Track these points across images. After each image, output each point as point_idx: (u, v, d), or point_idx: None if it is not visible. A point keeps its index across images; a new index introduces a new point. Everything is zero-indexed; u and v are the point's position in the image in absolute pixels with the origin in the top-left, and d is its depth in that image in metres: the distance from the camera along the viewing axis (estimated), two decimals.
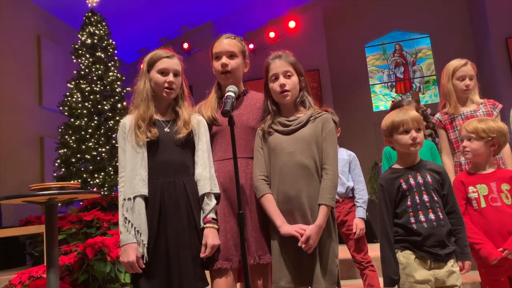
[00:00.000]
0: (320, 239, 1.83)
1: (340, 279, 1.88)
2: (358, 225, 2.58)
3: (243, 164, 1.99)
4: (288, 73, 1.96)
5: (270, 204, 1.89)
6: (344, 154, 2.77)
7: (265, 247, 1.94)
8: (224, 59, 2.07)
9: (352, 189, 2.70)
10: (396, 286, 1.95)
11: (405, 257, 1.90)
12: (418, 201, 1.90)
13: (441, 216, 1.89)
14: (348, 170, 2.73)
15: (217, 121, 2.06)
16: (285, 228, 1.83)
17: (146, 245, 1.80)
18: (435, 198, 1.91)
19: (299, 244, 1.79)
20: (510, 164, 2.58)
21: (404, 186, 1.94)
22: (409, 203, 1.91)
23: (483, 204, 2.04)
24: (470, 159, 2.18)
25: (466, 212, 2.10)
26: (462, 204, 2.09)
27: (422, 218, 1.88)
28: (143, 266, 1.79)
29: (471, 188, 2.09)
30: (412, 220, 1.89)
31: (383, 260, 1.92)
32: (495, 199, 2.03)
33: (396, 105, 2.84)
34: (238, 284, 2.11)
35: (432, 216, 1.88)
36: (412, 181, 1.94)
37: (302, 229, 1.81)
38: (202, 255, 1.85)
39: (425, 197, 1.90)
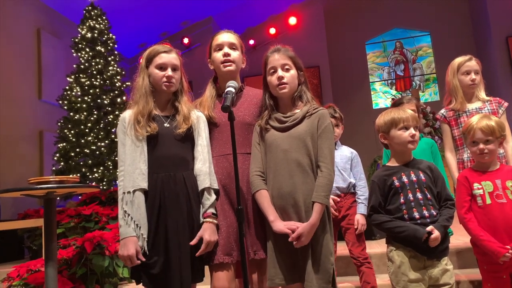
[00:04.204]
0: (314, 236, 1.81)
1: (335, 277, 1.84)
2: (359, 220, 2.61)
3: (240, 160, 1.97)
4: (287, 67, 1.94)
5: (264, 199, 1.87)
6: (346, 152, 2.80)
7: (261, 242, 1.94)
8: (226, 49, 2.08)
9: (354, 185, 2.72)
10: (392, 285, 1.97)
11: (400, 256, 1.92)
12: (411, 198, 1.92)
13: (434, 213, 1.91)
14: (349, 168, 2.75)
15: (214, 120, 2.06)
16: (277, 224, 1.81)
17: (146, 239, 1.81)
18: (428, 196, 1.93)
19: (289, 239, 1.78)
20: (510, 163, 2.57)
21: (397, 184, 1.95)
22: (402, 200, 1.93)
23: (488, 201, 2.02)
24: (487, 161, 2.12)
25: (471, 208, 2.08)
26: (467, 200, 2.07)
27: (416, 215, 1.90)
28: (143, 259, 1.80)
29: (476, 185, 2.07)
30: (406, 217, 1.91)
31: (400, 232, 1.89)
32: (500, 196, 2.01)
33: (396, 103, 2.83)
34: (236, 280, 2.12)
35: (426, 213, 1.90)
36: (405, 179, 1.95)
37: (293, 225, 1.79)
38: (198, 253, 1.84)
39: (419, 195, 1.92)
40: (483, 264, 2.08)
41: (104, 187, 5.58)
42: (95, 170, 5.65)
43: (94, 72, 6.04)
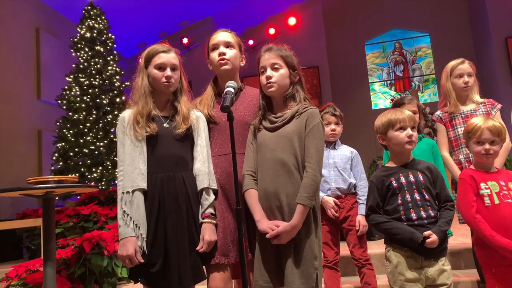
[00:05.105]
0: (297, 239, 1.78)
1: (320, 282, 1.79)
2: (360, 222, 2.58)
3: (239, 159, 1.97)
4: (276, 66, 1.92)
5: (252, 199, 1.86)
6: (346, 151, 2.76)
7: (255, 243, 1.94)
8: (222, 48, 2.07)
9: (355, 186, 2.69)
10: (389, 284, 1.97)
11: (397, 255, 1.92)
12: (409, 199, 1.91)
13: (432, 215, 1.90)
14: (350, 167, 2.72)
15: (213, 118, 2.06)
16: (262, 224, 1.79)
17: (145, 239, 1.80)
18: (426, 197, 1.92)
19: (267, 236, 1.75)
20: (499, 162, 2.57)
21: (395, 184, 1.95)
22: (399, 201, 1.92)
23: (496, 201, 1.99)
24: (489, 162, 2.10)
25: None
26: (474, 200, 2.02)
27: (413, 216, 1.89)
28: (142, 260, 1.79)
29: (482, 185, 2.03)
30: (403, 218, 1.90)
31: (397, 234, 1.89)
32: (507, 196, 1.99)
33: (397, 103, 2.84)
34: (235, 281, 2.12)
35: (423, 214, 1.89)
36: (403, 180, 1.95)
37: (277, 225, 1.77)
38: (199, 249, 1.85)
39: (417, 196, 1.92)
40: (491, 267, 2.01)
41: (103, 187, 5.57)
42: (94, 170, 5.64)
43: (93, 71, 6.04)
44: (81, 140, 5.71)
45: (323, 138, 1.90)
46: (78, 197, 5.52)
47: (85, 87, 5.95)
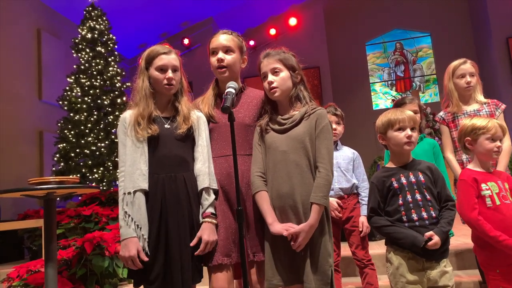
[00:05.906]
0: (312, 237, 1.81)
1: (333, 279, 1.83)
2: (364, 223, 2.58)
3: (238, 161, 1.96)
4: (276, 70, 1.94)
5: (264, 201, 1.87)
6: (348, 152, 2.78)
7: (260, 244, 1.93)
8: (220, 54, 2.06)
9: (357, 186, 2.70)
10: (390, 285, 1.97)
11: (398, 257, 1.91)
12: (410, 199, 1.91)
13: (433, 215, 1.89)
14: (352, 168, 2.73)
15: (214, 119, 2.06)
16: (275, 226, 1.81)
17: (146, 239, 1.80)
18: (428, 197, 1.91)
19: (284, 234, 1.77)
20: (503, 164, 2.56)
21: (396, 185, 1.94)
22: (400, 202, 1.91)
23: (497, 202, 1.98)
24: (495, 160, 2.10)
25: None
26: (476, 202, 2.00)
27: (414, 216, 1.89)
28: (146, 258, 1.79)
29: (484, 186, 2.02)
30: (405, 219, 1.90)
31: (399, 238, 1.88)
32: (506, 196, 1.99)
33: (399, 102, 2.84)
34: (236, 281, 2.12)
35: (425, 214, 1.88)
36: (403, 180, 1.94)
37: (292, 227, 1.79)
38: (197, 252, 1.84)
39: (418, 196, 1.91)
40: (494, 267, 1.98)
41: (104, 188, 5.57)
42: (95, 170, 5.64)
43: (94, 72, 6.04)
44: (82, 141, 5.71)
45: (332, 139, 1.94)
46: (79, 198, 5.52)
47: (86, 88, 5.95)
